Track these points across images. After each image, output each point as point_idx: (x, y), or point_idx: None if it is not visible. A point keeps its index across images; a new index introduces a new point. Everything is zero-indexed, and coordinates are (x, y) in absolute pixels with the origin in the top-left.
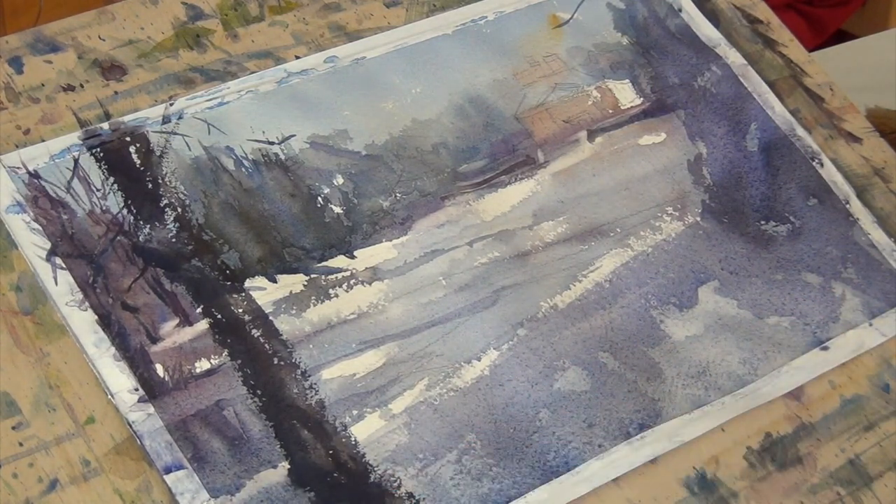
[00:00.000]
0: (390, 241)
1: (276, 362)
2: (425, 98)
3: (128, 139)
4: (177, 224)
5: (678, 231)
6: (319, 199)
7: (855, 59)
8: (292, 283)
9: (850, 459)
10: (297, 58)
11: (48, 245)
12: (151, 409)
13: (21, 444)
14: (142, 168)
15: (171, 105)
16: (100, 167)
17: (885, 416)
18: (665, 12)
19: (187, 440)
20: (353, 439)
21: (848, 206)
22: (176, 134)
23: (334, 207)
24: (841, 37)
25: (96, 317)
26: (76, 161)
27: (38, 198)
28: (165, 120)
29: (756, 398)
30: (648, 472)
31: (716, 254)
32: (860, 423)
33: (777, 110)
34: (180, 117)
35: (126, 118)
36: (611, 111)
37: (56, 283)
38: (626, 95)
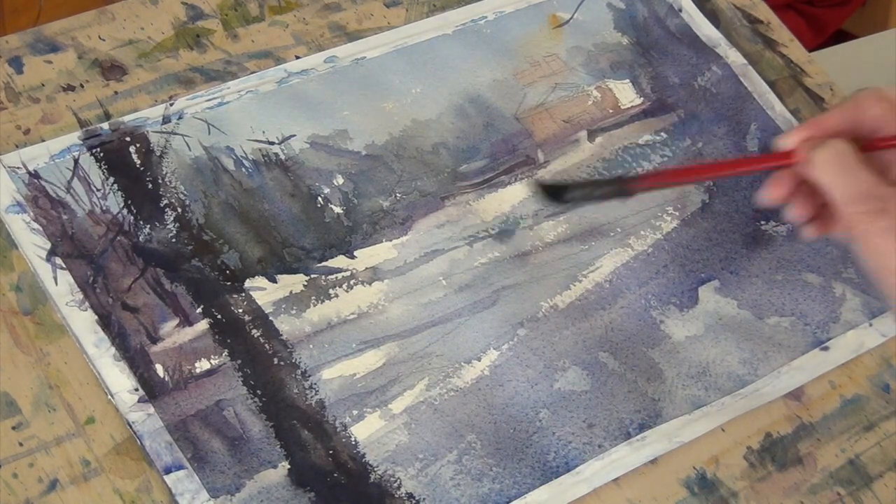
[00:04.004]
0: (390, 241)
1: (276, 362)
2: (425, 98)
3: (128, 139)
4: (177, 224)
5: (678, 231)
6: (319, 199)
7: (855, 59)
8: (292, 283)
9: (850, 459)
10: (298, 58)
11: (48, 245)
12: (151, 410)
13: (21, 444)
14: (142, 168)
15: (171, 105)
16: (100, 167)
17: (885, 416)
18: (665, 12)
19: (187, 440)
20: (353, 439)
21: None
22: (176, 134)
23: (334, 207)
24: (841, 37)
25: (96, 317)
26: (76, 161)
27: (38, 198)
28: (165, 120)
29: (756, 398)
30: (648, 472)
31: (716, 254)
32: (860, 423)
33: (777, 110)
34: (180, 117)
35: (126, 118)
36: (611, 111)
37: (56, 283)
38: (627, 95)
